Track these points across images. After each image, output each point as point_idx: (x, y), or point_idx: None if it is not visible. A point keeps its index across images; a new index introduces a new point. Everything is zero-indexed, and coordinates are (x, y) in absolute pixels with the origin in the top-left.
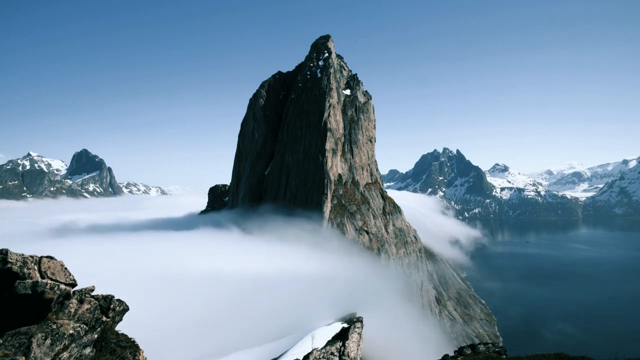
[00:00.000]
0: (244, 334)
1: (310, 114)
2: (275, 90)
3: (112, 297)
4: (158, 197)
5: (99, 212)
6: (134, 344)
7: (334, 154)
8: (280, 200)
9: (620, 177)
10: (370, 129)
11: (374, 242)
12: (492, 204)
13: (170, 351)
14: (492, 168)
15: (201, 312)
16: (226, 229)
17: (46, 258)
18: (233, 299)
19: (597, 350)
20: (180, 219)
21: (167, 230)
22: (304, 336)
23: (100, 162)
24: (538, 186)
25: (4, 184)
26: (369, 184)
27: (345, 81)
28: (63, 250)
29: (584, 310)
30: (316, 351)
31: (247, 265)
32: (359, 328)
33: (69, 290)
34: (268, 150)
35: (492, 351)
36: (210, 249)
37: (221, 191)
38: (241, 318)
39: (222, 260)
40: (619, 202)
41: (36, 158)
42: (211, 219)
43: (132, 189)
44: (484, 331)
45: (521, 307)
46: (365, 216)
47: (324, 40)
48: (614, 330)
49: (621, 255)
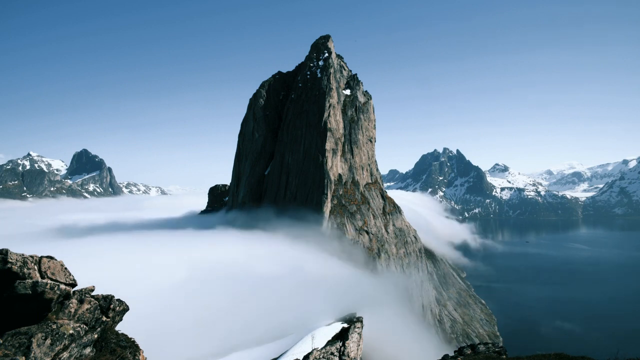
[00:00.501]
0: (244, 334)
1: (310, 114)
2: (275, 90)
3: (112, 297)
4: (158, 197)
5: (99, 212)
6: (134, 344)
7: (334, 154)
8: (281, 200)
9: (620, 177)
10: (370, 129)
11: (374, 242)
12: (492, 204)
13: (170, 351)
14: (492, 168)
15: (201, 312)
16: (226, 229)
17: (46, 258)
18: (233, 299)
19: (597, 350)
20: (180, 219)
21: (167, 230)
22: (304, 336)
23: (100, 162)
24: (538, 186)
25: (4, 184)
26: (369, 184)
27: (345, 81)
28: (63, 250)
29: (584, 310)
30: (316, 351)
31: (247, 265)
32: (359, 328)
33: (69, 290)
34: (268, 150)
35: (492, 351)
36: (210, 249)
37: (221, 191)
38: (241, 318)
39: (222, 260)
40: (619, 202)
41: (36, 158)
42: (211, 218)
43: (132, 189)
44: (484, 331)
45: (521, 307)
46: (365, 216)
47: (324, 41)
48: (614, 330)
49: (621, 255)
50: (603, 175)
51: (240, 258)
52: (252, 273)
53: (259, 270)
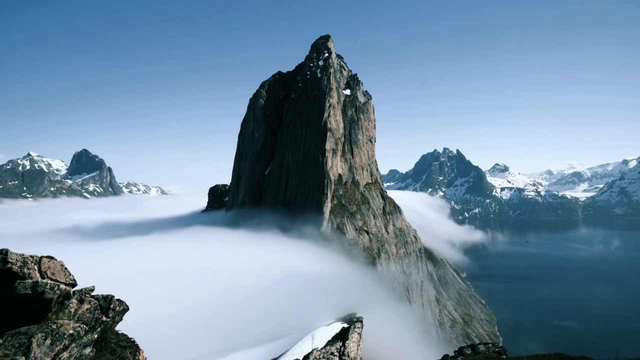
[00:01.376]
0: (244, 334)
1: (310, 114)
2: (275, 90)
3: (112, 297)
4: (158, 197)
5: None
6: (134, 344)
7: (334, 154)
8: (280, 200)
9: (620, 177)
10: (370, 129)
11: (374, 242)
12: (492, 204)
13: (170, 351)
14: (492, 168)
15: (201, 312)
16: (226, 229)
17: (46, 258)
18: (233, 299)
19: (597, 350)
20: (180, 219)
21: (167, 230)
22: (304, 336)
23: (100, 162)
24: (538, 186)
25: (4, 184)
26: (369, 184)
27: (345, 81)
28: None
29: (584, 310)
30: (316, 351)
31: (247, 265)
32: (359, 328)
33: (69, 290)
34: (268, 150)
35: (492, 351)
36: (210, 249)
37: (221, 191)
38: (241, 318)
39: (222, 260)
40: (619, 202)
41: (36, 158)
42: (211, 218)
43: (132, 189)
44: (484, 331)
45: (521, 307)
46: (365, 216)
47: (324, 41)
48: (614, 330)
49: (621, 255)
50: (603, 175)
51: (240, 258)
52: (252, 273)
53: (259, 271)
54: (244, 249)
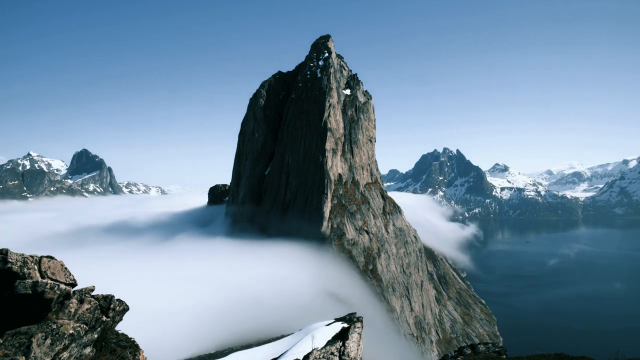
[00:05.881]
0: (244, 334)
1: (310, 114)
2: (275, 90)
3: (112, 297)
4: (158, 197)
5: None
6: (134, 344)
7: (334, 154)
8: (281, 200)
9: (621, 177)
10: (370, 128)
11: (374, 242)
12: (492, 204)
13: (170, 351)
14: (492, 168)
15: (201, 312)
16: (225, 229)
17: (46, 258)
18: (233, 299)
19: (597, 350)
20: (180, 218)
21: (167, 230)
22: (304, 336)
23: (100, 162)
24: (538, 186)
25: (4, 184)
26: (369, 184)
27: (345, 81)
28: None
29: (584, 310)
30: (316, 351)
31: (247, 265)
32: (359, 328)
33: (69, 290)
34: (268, 150)
35: (492, 351)
36: (209, 249)
37: (221, 191)
38: (241, 318)
39: (221, 260)
40: (619, 202)
41: (36, 158)
42: (211, 218)
43: (132, 188)
44: (484, 331)
45: (521, 307)
46: (365, 216)
47: (324, 40)
48: (614, 330)
49: (621, 255)
50: (603, 175)
51: (239, 258)
52: (252, 273)
53: (259, 271)
54: (244, 249)
